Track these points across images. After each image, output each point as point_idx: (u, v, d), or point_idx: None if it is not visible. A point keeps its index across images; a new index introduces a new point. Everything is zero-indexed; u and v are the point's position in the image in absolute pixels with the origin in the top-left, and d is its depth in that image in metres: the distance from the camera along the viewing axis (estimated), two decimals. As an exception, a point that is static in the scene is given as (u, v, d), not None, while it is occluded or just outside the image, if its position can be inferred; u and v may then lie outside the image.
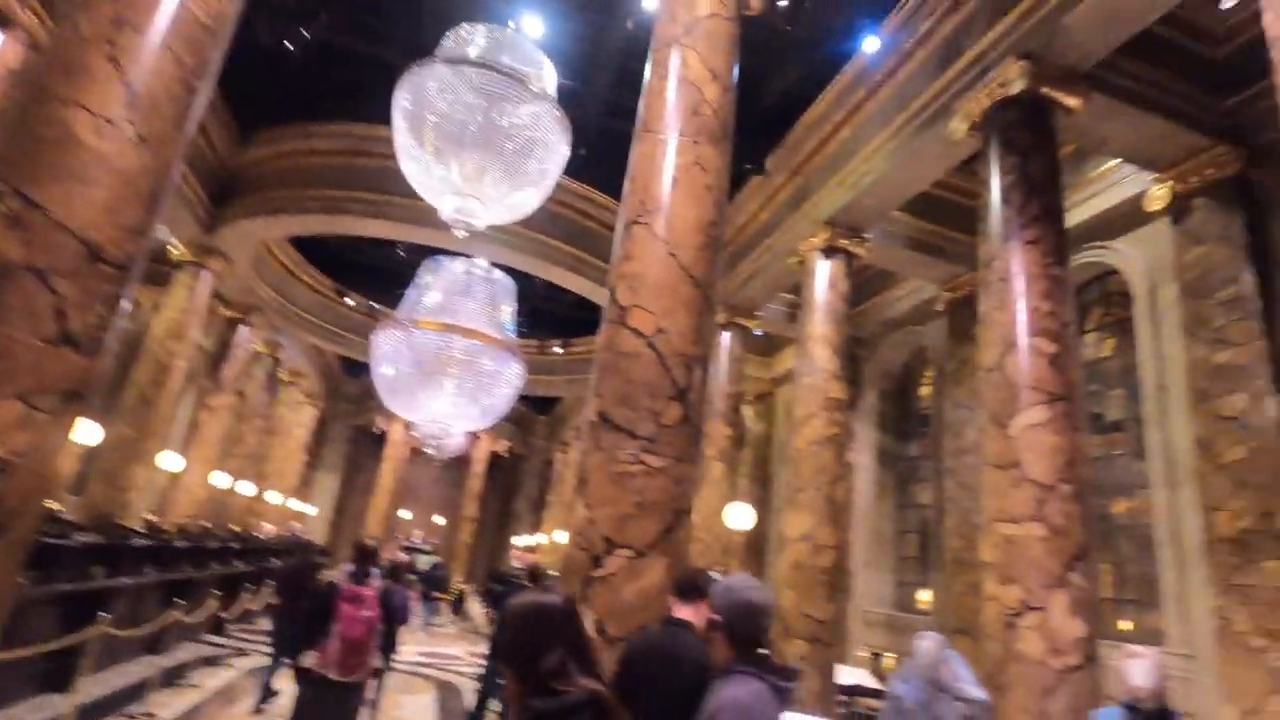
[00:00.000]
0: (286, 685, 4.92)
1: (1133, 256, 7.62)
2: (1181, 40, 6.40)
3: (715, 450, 10.03)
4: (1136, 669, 3.02)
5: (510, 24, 8.07)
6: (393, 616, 3.94)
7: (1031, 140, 5.61)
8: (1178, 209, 6.76)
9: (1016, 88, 5.65)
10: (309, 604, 4.18)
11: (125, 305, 3.35)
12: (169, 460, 10.12)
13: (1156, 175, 6.89)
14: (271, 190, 10.82)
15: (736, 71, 4.71)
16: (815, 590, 7.10)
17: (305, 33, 8.45)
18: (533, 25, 8.53)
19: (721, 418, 10.17)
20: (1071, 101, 5.71)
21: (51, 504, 6.90)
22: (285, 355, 18.30)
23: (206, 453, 14.12)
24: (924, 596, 10.19)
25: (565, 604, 1.55)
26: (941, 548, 9.26)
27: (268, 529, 16.05)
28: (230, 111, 10.74)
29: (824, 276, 8.33)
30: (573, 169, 9.61)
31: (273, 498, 17.83)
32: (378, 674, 4.08)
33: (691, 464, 3.68)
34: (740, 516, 7.96)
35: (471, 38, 7.55)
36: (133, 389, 11.51)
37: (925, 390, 11.06)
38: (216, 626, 8.69)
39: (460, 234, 7.46)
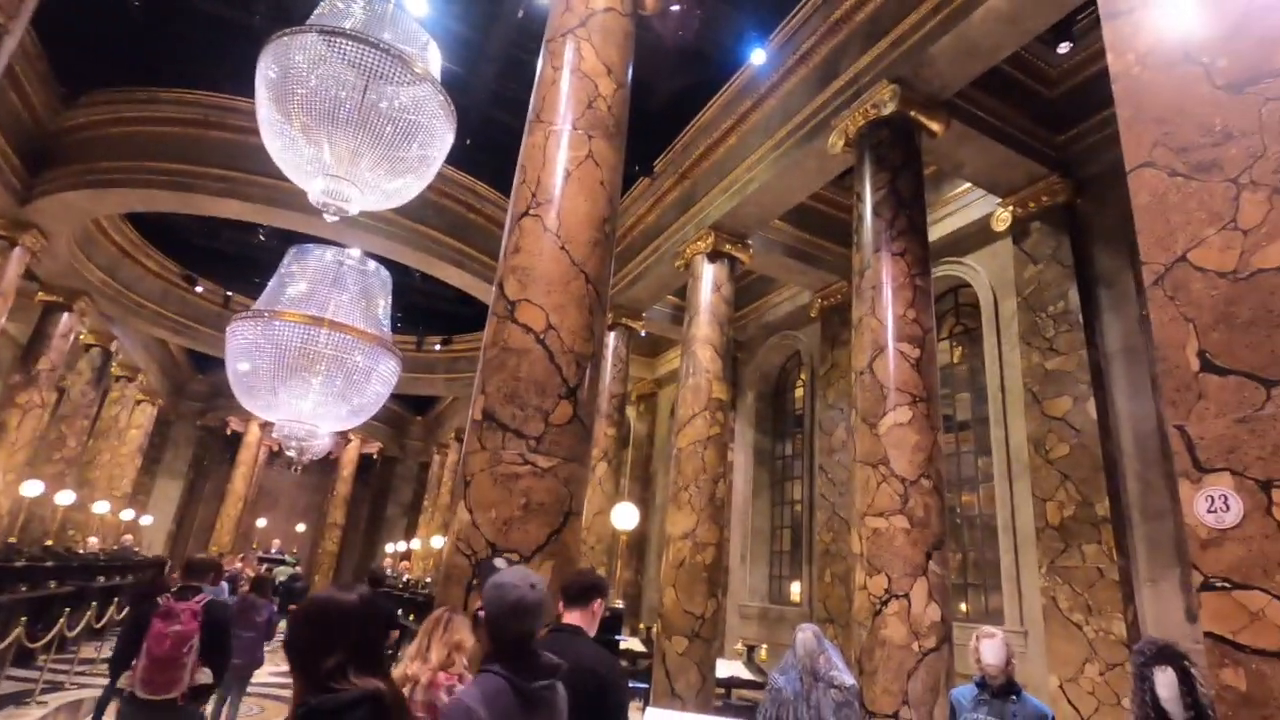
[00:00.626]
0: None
1: (981, 272, 8.41)
2: (1024, 79, 7.13)
3: (600, 450, 10.01)
4: (987, 648, 3.28)
5: (391, 2, 7.60)
6: (218, 632, 3.67)
7: (901, 159, 6.02)
8: (1018, 231, 7.53)
9: (888, 109, 6.04)
10: (126, 621, 3.94)
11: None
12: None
13: (1001, 199, 7.64)
14: (103, 160, 9.53)
15: (630, 70, 4.68)
16: (696, 587, 7.23)
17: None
18: (416, 3, 8.09)
19: (606, 418, 10.16)
20: (935, 125, 6.19)
21: None
22: (119, 347, 16.24)
23: (14, 458, 12.23)
24: (795, 589, 10.70)
25: (358, 602, 1.51)
26: (812, 542, 9.76)
27: (92, 543, 14.15)
28: (52, 67, 9.37)
29: (709, 280, 8.52)
30: (456, 158, 9.26)
31: (99, 508, 15.76)
32: (207, 691, 3.77)
33: (581, 464, 3.60)
34: (625, 516, 7.97)
35: (348, 7, 7.03)
36: (-84, 383, 9.77)
37: (799, 392, 11.63)
38: (21, 658, 7.51)
39: (330, 218, 6.91)
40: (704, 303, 8.46)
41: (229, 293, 15.37)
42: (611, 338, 10.69)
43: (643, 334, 11.63)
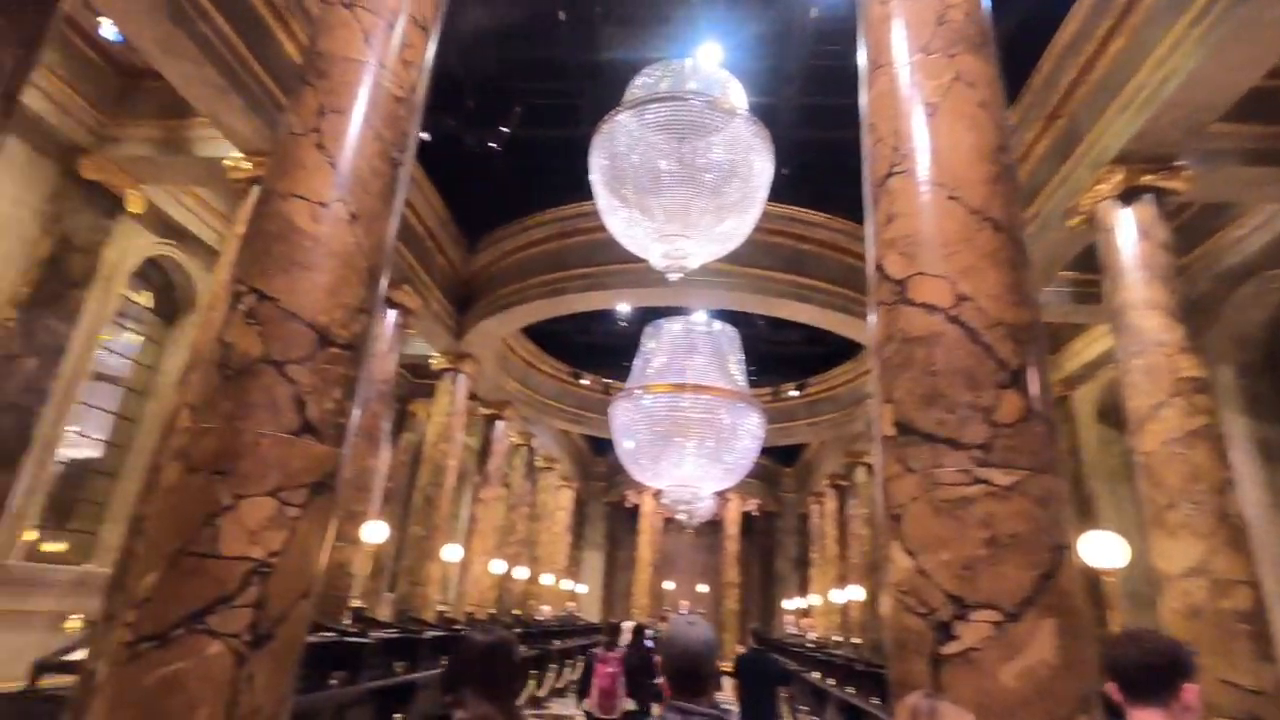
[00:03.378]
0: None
1: None
2: None
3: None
4: None
5: (687, 60, 7.78)
6: (635, 674, 5.58)
7: None
8: None
9: None
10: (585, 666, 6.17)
11: (357, 389, 3.20)
12: (452, 553, 10.81)
13: None
14: (501, 288, 11.61)
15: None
16: (1234, 645, 5.02)
17: (505, 129, 8.98)
18: (710, 54, 8.15)
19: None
20: None
21: (356, 602, 7.45)
22: (538, 443, 19.53)
23: (485, 543, 15.19)
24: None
25: (492, 643, 1.80)
26: None
27: (545, 610, 16.69)
28: (459, 228, 11.87)
29: (1129, 227, 6.44)
30: (775, 193, 8.87)
31: (546, 579, 18.68)
32: (630, 715, 5.56)
33: (1054, 475, 2.53)
34: (1103, 549, 5.63)
35: (654, 80, 7.35)
36: (418, 492, 12.77)
37: (1312, 353, 8.05)
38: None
39: (674, 276, 7.04)
40: (1127, 258, 6.38)
41: (606, 380, 17.37)
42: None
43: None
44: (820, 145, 9.83)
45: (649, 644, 6.49)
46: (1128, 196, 6.50)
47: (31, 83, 7.10)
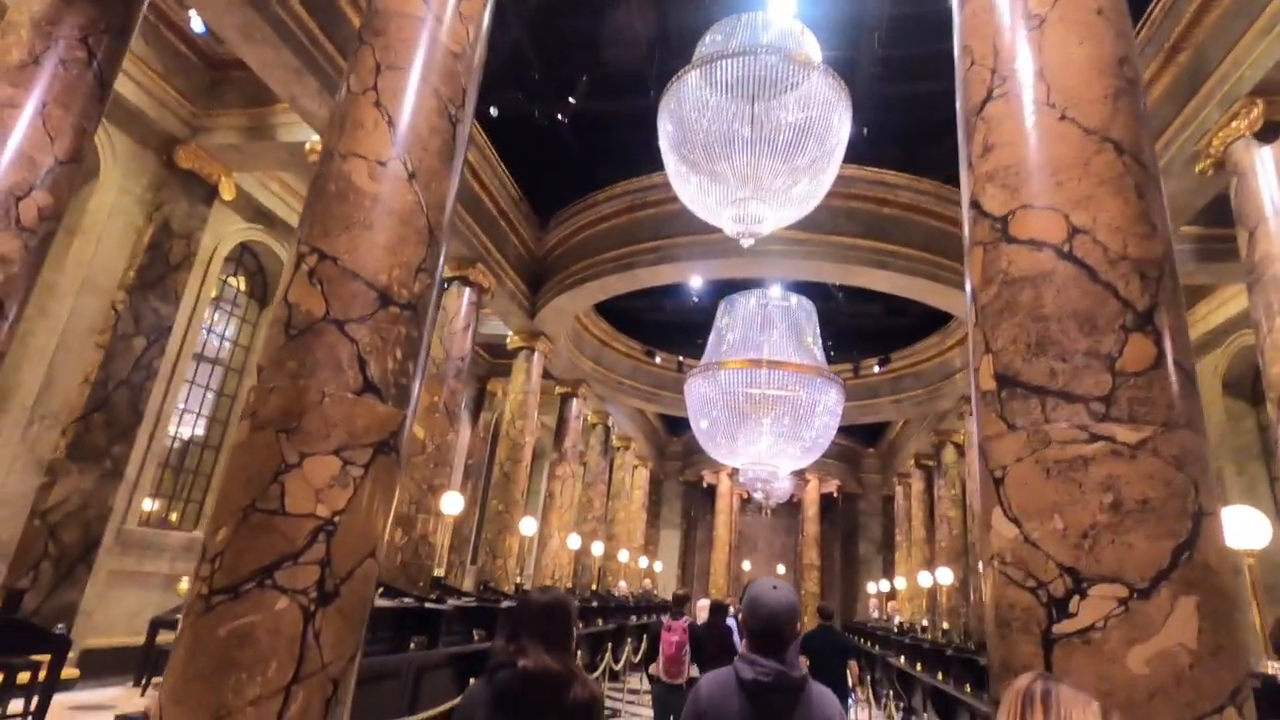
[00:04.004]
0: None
1: None
2: None
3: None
4: None
5: (759, 13, 7.39)
6: (700, 643, 5.66)
7: None
8: None
9: None
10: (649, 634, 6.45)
11: (420, 349, 3.15)
12: (528, 526, 10.97)
13: None
14: (572, 265, 11.58)
15: None
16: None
17: (572, 100, 8.86)
18: (784, 5, 7.71)
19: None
20: None
21: (438, 571, 7.64)
22: (613, 422, 19.62)
23: (562, 519, 15.40)
24: None
25: (549, 601, 1.94)
26: None
27: (621, 586, 16.82)
28: (531, 206, 11.90)
29: (1270, 169, 5.65)
30: (856, 154, 8.39)
31: (622, 556, 18.83)
32: (693, 681, 5.38)
33: (1194, 431, 2.17)
34: (1244, 526, 4.61)
35: (722, 37, 7.01)
36: (497, 468, 13.05)
37: None
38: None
39: (746, 242, 6.74)
40: (1268, 204, 5.61)
41: (680, 358, 17.16)
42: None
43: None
44: (904, 101, 9.20)
45: (731, 623, 6.30)
46: (1267, 133, 5.70)
47: (130, 76, 7.54)
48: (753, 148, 6.62)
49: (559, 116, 9.03)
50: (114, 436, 7.35)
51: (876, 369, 16.11)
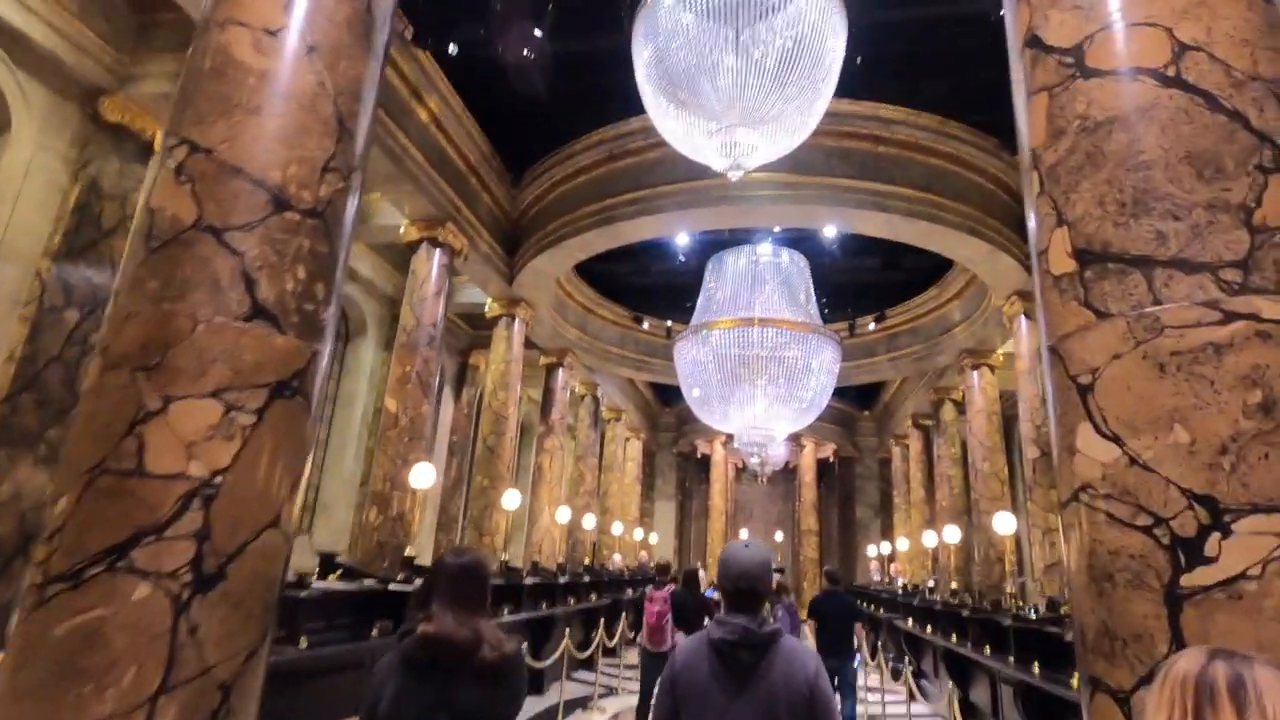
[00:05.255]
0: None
1: None
2: None
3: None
4: None
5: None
6: (681, 610, 5.70)
7: None
8: None
9: None
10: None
11: (335, 270, 2.52)
12: (511, 500, 10.43)
13: None
14: (549, 223, 10.88)
15: None
16: None
17: (539, 32, 8.09)
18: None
19: None
20: None
21: (410, 551, 7.09)
22: (603, 393, 19.04)
23: (553, 493, 14.88)
24: None
25: (464, 564, 1.88)
26: None
27: (616, 560, 16.39)
28: (504, 164, 11.15)
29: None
30: (848, 87, 7.70)
31: (616, 529, 18.39)
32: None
33: (1361, 305, 1.58)
34: None
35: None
36: (480, 443, 12.46)
37: None
38: (581, 663, 8.32)
39: (734, 176, 6.07)
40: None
41: (669, 323, 16.53)
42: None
43: None
44: (902, 27, 8.50)
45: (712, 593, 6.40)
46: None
47: (40, 17, 6.74)
48: (739, 73, 5.95)
49: (525, 53, 8.25)
50: (47, 420, 6.68)
51: (872, 326, 15.56)
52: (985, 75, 9.55)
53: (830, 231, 13.43)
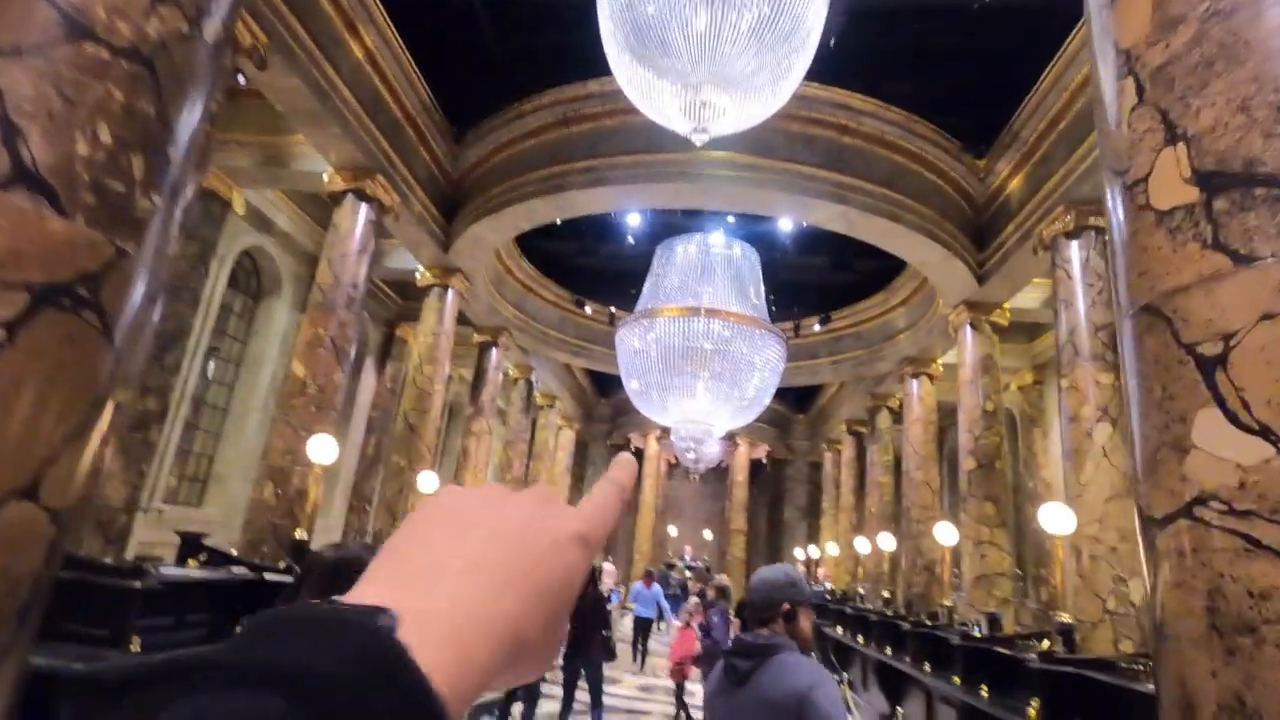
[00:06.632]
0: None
1: None
2: None
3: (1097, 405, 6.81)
4: None
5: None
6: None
7: None
8: None
9: None
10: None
11: (167, 145, 1.81)
12: (428, 483, 9.64)
13: None
14: (492, 188, 10.09)
15: None
16: None
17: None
18: None
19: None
20: None
21: (300, 534, 6.25)
22: (537, 378, 18.28)
23: (477, 479, 14.06)
24: None
25: (340, 558, 1.66)
26: None
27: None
28: (447, 118, 10.28)
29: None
30: (817, 74, 7.29)
31: (544, 521, 17.72)
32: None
33: None
34: None
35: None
36: (400, 419, 11.56)
37: None
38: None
39: (699, 139, 5.52)
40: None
41: (612, 309, 15.94)
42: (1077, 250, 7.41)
43: None
44: (879, 14, 8.16)
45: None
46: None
47: None
48: (713, 24, 5.40)
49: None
50: None
51: (817, 328, 15.40)
52: (954, 78, 9.41)
53: (786, 225, 13.15)
